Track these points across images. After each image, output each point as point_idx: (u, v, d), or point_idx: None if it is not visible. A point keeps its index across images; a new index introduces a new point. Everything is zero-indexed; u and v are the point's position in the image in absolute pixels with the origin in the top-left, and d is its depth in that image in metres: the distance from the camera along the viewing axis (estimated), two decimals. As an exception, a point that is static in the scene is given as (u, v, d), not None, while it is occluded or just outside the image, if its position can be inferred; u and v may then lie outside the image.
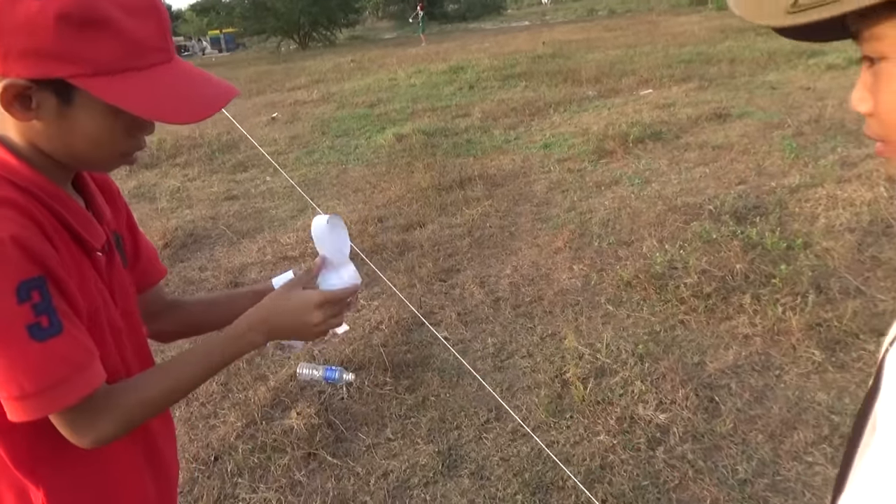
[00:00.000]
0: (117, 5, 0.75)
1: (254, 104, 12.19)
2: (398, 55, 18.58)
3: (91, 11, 0.73)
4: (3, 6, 0.71)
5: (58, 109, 0.78)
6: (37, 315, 0.74)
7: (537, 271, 3.91)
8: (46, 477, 0.87)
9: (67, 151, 0.83)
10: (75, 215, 0.85)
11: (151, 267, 1.12)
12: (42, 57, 0.73)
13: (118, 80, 0.76)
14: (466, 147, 7.10)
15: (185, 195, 6.43)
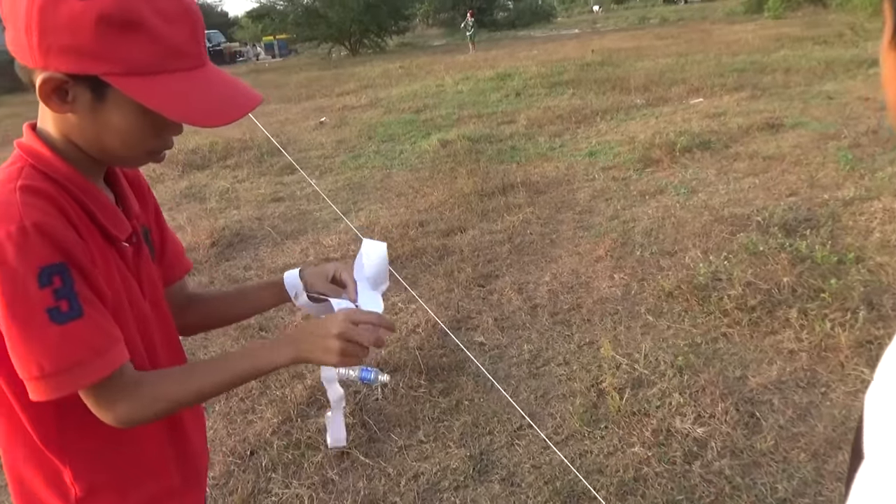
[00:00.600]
0: (154, 10, 0.79)
1: (303, 109, 12.43)
2: (446, 62, 18.69)
3: (129, 14, 0.77)
4: (48, 5, 0.76)
5: (91, 104, 0.82)
6: (56, 299, 0.78)
7: (577, 279, 3.87)
8: (74, 456, 0.90)
9: (98, 146, 0.87)
10: (102, 208, 0.89)
11: (177, 262, 1.16)
12: (80, 54, 0.77)
13: (149, 81, 0.80)
14: (510, 154, 7.09)
15: (233, 196, 6.59)
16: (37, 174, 0.83)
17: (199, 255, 4.83)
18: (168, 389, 0.90)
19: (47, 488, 0.92)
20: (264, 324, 3.73)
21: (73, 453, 0.91)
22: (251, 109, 0.88)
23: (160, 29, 0.79)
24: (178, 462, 1.04)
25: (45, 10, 0.76)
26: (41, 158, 0.85)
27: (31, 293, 0.77)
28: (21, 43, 0.79)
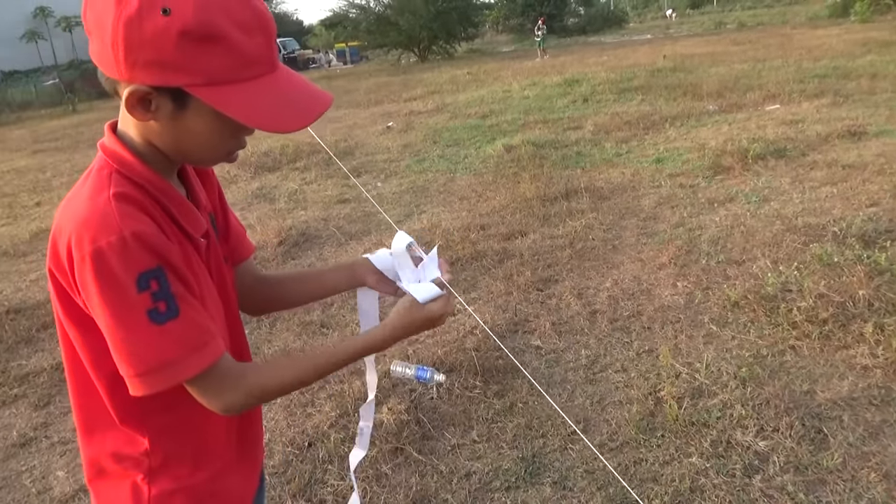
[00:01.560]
0: (232, 22, 0.82)
1: (371, 114, 12.66)
2: (514, 68, 18.67)
3: (209, 28, 0.81)
4: (133, 21, 0.80)
5: (173, 113, 0.87)
6: (155, 301, 0.83)
7: (638, 286, 3.80)
8: (152, 431, 0.98)
9: (178, 149, 0.93)
10: (180, 207, 0.95)
11: (240, 244, 1.20)
12: (164, 67, 0.81)
13: (227, 90, 0.84)
14: (575, 159, 7.02)
15: (301, 197, 6.78)
16: (124, 180, 0.89)
17: (267, 253, 5.00)
18: (270, 378, 0.98)
19: (123, 461, 0.99)
20: (326, 321, 3.83)
21: (152, 428, 0.98)
22: (322, 113, 0.93)
23: (238, 40, 0.83)
24: (238, 440, 1.10)
25: (131, 26, 0.80)
26: (125, 163, 0.90)
27: (131, 298, 0.82)
28: (107, 56, 0.83)
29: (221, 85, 0.83)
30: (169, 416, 0.98)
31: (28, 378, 3.57)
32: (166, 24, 0.79)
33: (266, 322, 3.84)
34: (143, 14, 0.79)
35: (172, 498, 1.00)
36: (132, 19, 0.79)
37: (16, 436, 3.05)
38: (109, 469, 1.00)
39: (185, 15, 0.79)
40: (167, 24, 0.79)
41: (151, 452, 0.98)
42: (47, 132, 17.32)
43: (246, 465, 1.14)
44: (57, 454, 2.89)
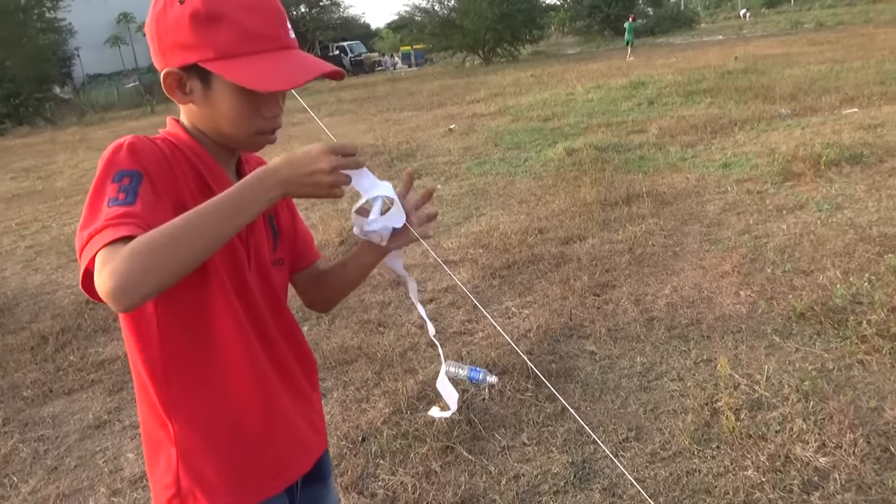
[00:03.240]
0: (234, 4, 0.96)
1: (434, 116, 12.77)
2: (578, 70, 18.47)
3: (213, 9, 0.95)
4: (161, 15, 0.97)
5: (203, 92, 1.00)
6: (118, 192, 0.89)
7: (699, 294, 3.72)
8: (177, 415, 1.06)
9: (216, 129, 1.04)
10: (213, 174, 1.04)
11: (307, 250, 1.30)
12: (183, 48, 0.96)
13: (234, 62, 0.96)
14: (638, 163, 6.91)
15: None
16: (164, 140, 1.03)
17: (329, 252, 5.13)
18: (142, 241, 0.83)
19: (162, 442, 1.08)
20: (383, 320, 3.90)
21: (177, 412, 1.06)
22: (317, 75, 1.01)
23: (239, 17, 0.96)
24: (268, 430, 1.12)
25: (160, 19, 0.97)
26: (176, 135, 1.05)
27: (105, 186, 0.91)
28: (153, 52, 1.00)
29: (230, 58, 0.96)
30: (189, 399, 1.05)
31: (104, 364, 3.78)
32: (181, 11, 0.95)
33: (325, 319, 3.95)
34: (167, 7, 0.96)
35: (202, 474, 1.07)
36: (160, 14, 0.97)
37: (91, 418, 3.24)
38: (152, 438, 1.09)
39: (195, 1, 0.95)
40: (182, 11, 0.95)
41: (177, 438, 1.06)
42: (127, 132, 18.05)
43: (293, 458, 1.18)
44: (128, 437, 3.06)
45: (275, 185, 0.93)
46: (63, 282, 5.40)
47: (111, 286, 0.81)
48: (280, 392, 1.15)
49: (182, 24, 0.95)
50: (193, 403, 1.06)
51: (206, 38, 0.95)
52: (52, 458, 2.98)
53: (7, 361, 3.96)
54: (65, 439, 3.11)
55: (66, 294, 5.05)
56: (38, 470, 2.90)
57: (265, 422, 1.12)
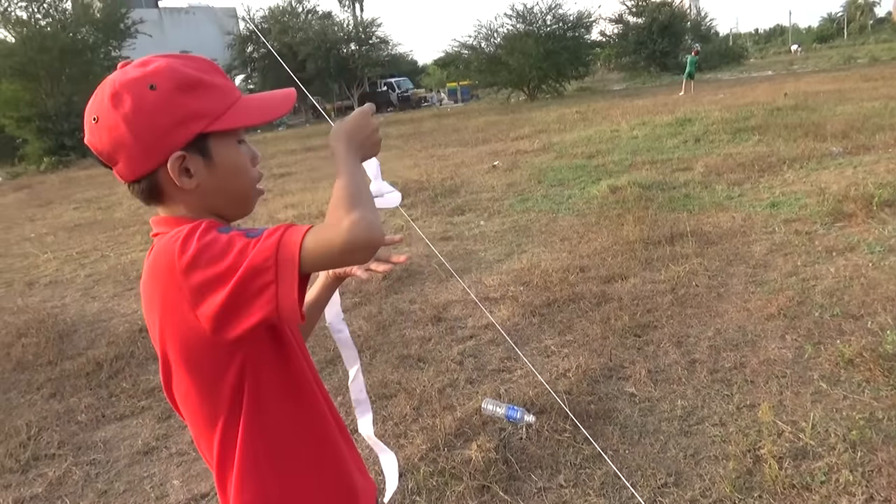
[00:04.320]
0: (197, 70, 1.02)
1: (478, 152, 12.92)
2: (623, 106, 18.47)
3: (188, 79, 0.99)
4: (136, 109, 0.96)
5: (205, 165, 1.03)
6: (239, 235, 0.93)
7: (743, 337, 3.66)
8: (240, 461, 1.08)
9: (226, 197, 1.07)
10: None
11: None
12: (182, 123, 0.99)
13: (229, 115, 1.02)
14: (683, 202, 6.86)
15: (407, 233, 7.03)
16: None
17: (371, 286, 5.22)
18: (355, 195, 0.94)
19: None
20: (423, 355, 3.95)
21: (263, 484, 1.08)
22: (294, 102, 1.11)
23: (210, 80, 1.02)
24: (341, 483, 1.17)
25: (137, 113, 0.96)
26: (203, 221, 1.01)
27: (221, 240, 0.92)
28: (140, 152, 0.98)
29: (222, 115, 1.01)
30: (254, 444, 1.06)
31: (153, 392, 3.92)
32: (163, 91, 0.97)
33: (366, 354, 4.01)
34: (140, 99, 0.97)
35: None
36: (134, 109, 0.96)
37: (140, 444, 3.36)
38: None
39: (166, 79, 0.98)
40: (162, 91, 0.97)
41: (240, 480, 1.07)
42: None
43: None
44: (174, 464, 3.16)
45: (356, 150, 1.07)
46: (118, 310, 5.63)
47: (367, 235, 0.89)
48: (343, 445, 1.20)
49: (171, 101, 0.97)
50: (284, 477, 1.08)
51: (196, 105, 0.99)
52: (103, 482, 3.09)
53: (64, 386, 4.13)
54: (115, 464, 3.23)
55: (120, 322, 5.25)
56: (89, 493, 3.01)
57: (339, 477, 1.17)
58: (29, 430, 3.59)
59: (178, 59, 1.03)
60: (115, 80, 1.00)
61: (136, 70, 1.00)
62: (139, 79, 0.98)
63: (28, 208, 13.61)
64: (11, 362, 4.62)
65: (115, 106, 0.98)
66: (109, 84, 1.00)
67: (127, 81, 0.99)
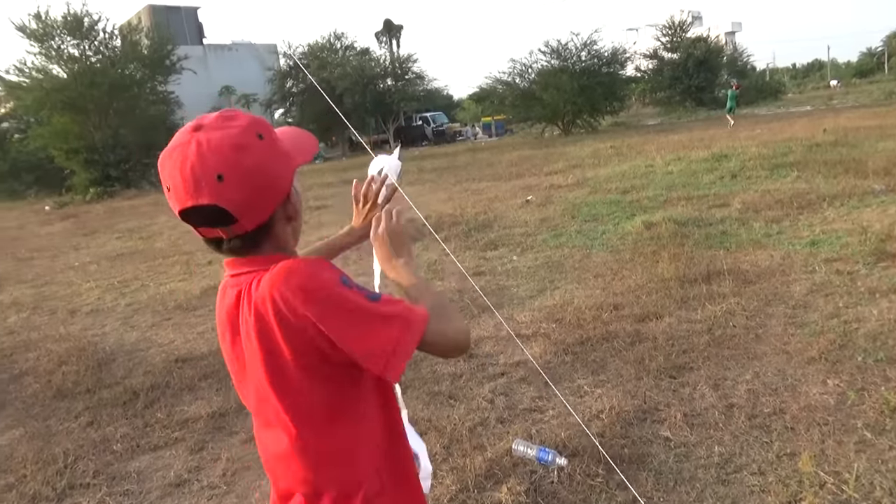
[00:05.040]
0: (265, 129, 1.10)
1: (511, 187, 12.97)
2: (659, 141, 18.40)
3: (268, 126, 1.10)
4: (264, 157, 1.05)
5: (293, 199, 1.14)
6: (359, 290, 1.07)
7: (782, 381, 3.56)
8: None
9: (297, 227, 1.19)
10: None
11: None
12: (287, 165, 1.11)
13: (296, 152, 1.14)
14: (719, 239, 6.76)
15: (440, 268, 7.05)
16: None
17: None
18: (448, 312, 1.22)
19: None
20: (454, 392, 3.93)
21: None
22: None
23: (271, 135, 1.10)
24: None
25: (264, 162, 1.05)
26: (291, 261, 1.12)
27: (347, 294, 1.05)
28: (261, 201, 1.05)
29: (296, 153, 1.14)
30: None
31: (188, 423, 3.96)
32: (267, 139, 1.06)
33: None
34: (257, 152, 1.04)
35: None
36: (258, 160, 1.04)
37: (173, 476, 3.39)
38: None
39: (264, 127, 1.08)
40: (267, 139, 1.06)
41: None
42: (222, 197, 19.30)
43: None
44: (205, 497, 3.18)
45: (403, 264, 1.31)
46: (156, 339, 5.74)
47: (467, 342, 1.23)
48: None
49: (276, 148, 1.08)
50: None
51: (286, 146, 1.11)
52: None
53: (101, 415, 4.21)
54: (147, 495, 3.26)
55: (158, 352, 5.35)
56: (121, 525, 3.04)
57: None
58: (66, 458, 3.66)
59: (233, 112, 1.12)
60: (228, 135, 1.02)
61: (233, 124, 1.05)
62: (247, 129, 1.04)
63: (73, 237, 14.04)
64: (52, 390, 4.73)
65: (240, 160, 1.01)
66: (220, 140, 1.01)
67: (239, 135, 1.03)
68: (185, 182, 1.00)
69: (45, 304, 7.70)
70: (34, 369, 5.26)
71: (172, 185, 1.02)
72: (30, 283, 9.16)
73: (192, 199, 1.01)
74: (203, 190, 1.00)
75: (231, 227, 1.04)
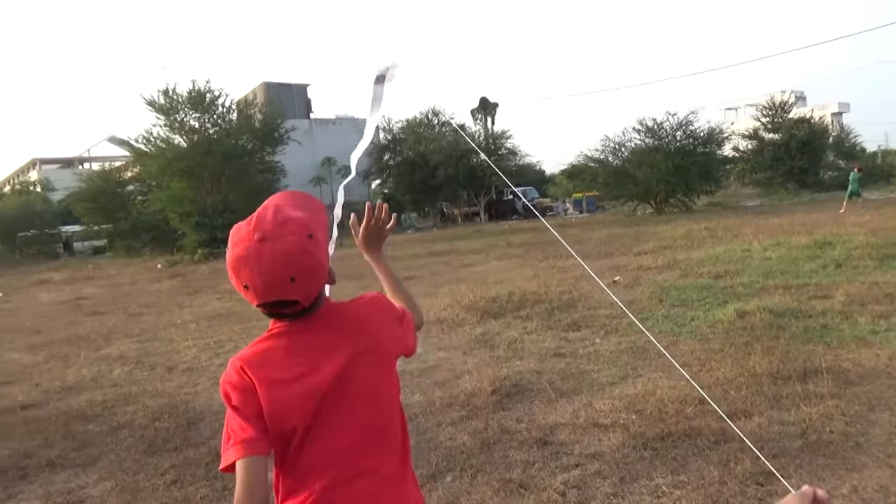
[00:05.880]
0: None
1: (599, 266, 12.81)
2: (757, 224, 17.74)
3: (313, 227, 1.38)
4: (313, 248, 1.36)
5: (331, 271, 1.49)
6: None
7: (885, 498, 3.27)
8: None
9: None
10: None
11: None
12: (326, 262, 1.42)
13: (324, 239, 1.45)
14: (819, 333, 6.38)
15: (519, 346, 7.01)
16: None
17: (479, 400, 5.21)
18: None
19: None
20: (525, 481, 3.84)
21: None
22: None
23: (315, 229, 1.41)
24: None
25: (314, 252, 1.36)
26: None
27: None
28: (313, 294, 1.38)
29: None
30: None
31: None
32: (315, 237, 1.36)
33: (468, 473, 3.97)
34: (312, 251, 1.34)
35: None
36: (316, 259, 1.35)
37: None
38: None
39: (311, 224, 1.37)
40: (315, 237, 1.36)
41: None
42: (316, 263, 20.09)
43: None
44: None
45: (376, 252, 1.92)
46: (242, 402, 5.96)
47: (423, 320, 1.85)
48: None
49: (320, 240, 1.36)
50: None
51: (318, 229, 1.40)
52: (206, 577, 3.20)
53: (185, 474, 4.39)
54: (219, 560, 3.34)
55: (242, 415, 5.55)
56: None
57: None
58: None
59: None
60: (290, 243, 1.32)
61: (289, 231, 1.32)
62: (301, 235, 1.33)
63: (179, 295, 14.97)
64: (144, 444, 4.99)
65: (302, 263, 1.31)
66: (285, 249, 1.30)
67: (298, 241, 1.32)
68: (265, 285, 1.30)
69: (147, 360, 8.19)
70: (130, 423, 5.58)
71: (251, 286, 1.31)
72: (136, 338, 9.80)
73: (272, 296, 1.32)
74: (278, 289, 1.31)
75: (294, 307, 1.36)
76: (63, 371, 7.93)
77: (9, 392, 7.15)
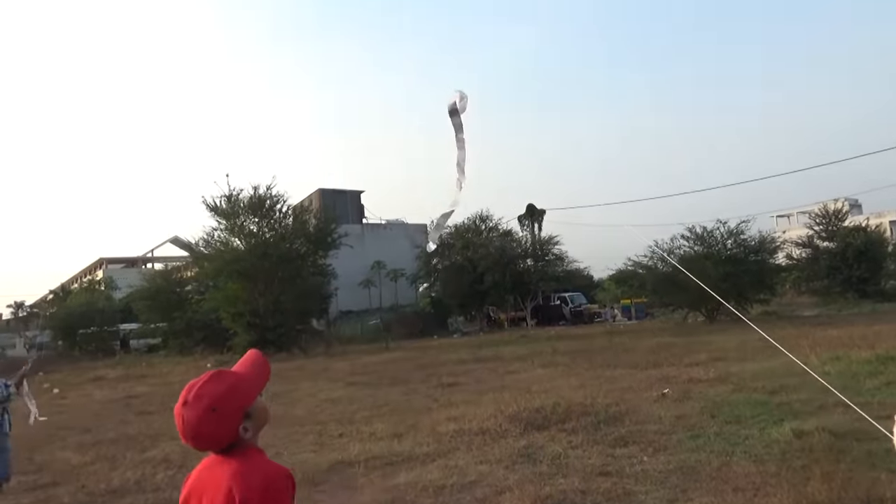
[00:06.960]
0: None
1: (647, 377, 12.48)
2: (814, 336, 17.10)
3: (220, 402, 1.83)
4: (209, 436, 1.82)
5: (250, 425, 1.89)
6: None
7: None
8: None
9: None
10: None
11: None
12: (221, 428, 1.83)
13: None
14: (884, 458, 6.00)
15: (564, 462, 6.80)
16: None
17: (521, 520, 5.05)
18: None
19: None
20: None
21: None
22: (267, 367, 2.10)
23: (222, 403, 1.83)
24: None
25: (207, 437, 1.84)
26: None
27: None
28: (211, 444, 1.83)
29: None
30: None
31: None
32: (218, 411, 1.82)
33: None
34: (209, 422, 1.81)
35: None
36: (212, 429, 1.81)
37: None
38: None
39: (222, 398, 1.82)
40: (219, 410, 1.82)
41: None
42: (362, 366, 20.20)
43: None
44: None
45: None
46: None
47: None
48: None
49: (224, 413, 1.83)
50: None
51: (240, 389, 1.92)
52: None
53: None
54: None
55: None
56: None
57: None
58: None
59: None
60: (195, 415, 1.80)
61: (200, 405, 1.81)
62: (206, 409, 1.80)
63: (225, 397, 15.09)
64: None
65: (200, 428, 1.82)
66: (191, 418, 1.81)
67: (202, 415, 1.80)
68: (181, 435, 1.81)
69: (190, 464, 8.19)
70: (169, 530, 5.56)
71: (179, 433, 1.82)
72: (180, 441, 9.87)
73: (190, 443, 1.81)
74: (188, 440, 1.81)
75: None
76: (109, 473, 8.02)
77: (56, 493, 7.25)
